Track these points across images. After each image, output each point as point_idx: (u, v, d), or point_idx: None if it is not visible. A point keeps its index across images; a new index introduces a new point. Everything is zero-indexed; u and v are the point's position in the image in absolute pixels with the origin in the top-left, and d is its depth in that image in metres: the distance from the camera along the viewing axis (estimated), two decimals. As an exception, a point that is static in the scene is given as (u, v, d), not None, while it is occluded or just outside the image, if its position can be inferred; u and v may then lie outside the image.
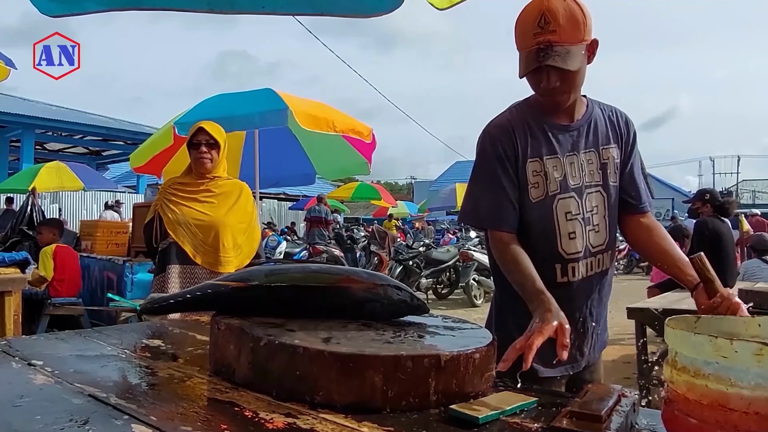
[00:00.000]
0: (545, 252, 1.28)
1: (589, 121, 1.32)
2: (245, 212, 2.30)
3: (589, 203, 1.30)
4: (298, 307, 1.08)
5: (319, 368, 0.86)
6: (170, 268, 2.17)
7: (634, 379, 3.68)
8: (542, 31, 1.15)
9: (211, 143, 2.21)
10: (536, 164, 1.29)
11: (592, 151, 1.31)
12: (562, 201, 1.29)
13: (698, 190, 4.54)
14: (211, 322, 1.06)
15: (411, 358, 0.85)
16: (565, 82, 1.20)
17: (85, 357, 1.13)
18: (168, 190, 2.26)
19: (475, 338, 0.98)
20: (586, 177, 1.30)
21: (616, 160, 1.33)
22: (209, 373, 1.02)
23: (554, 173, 1.28)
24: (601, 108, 1.37)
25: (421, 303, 1.11)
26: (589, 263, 1.31)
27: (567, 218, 1.28)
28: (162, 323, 1.48)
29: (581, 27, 1.16)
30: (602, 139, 1.32)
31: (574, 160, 1.29)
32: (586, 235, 1.30)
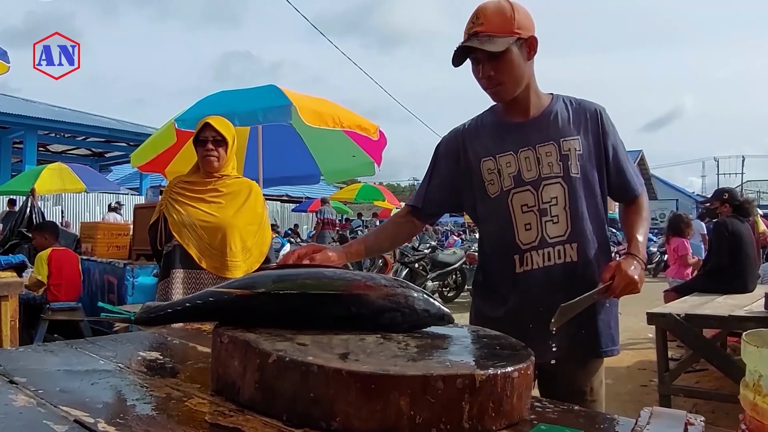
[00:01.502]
0: (504, 243, 1.38)
1: (549, 115, 1.38)
2: (255, 213, 2.18)
3: (546, 195, 1.35)
4: (310, 317, 0.97)
5: (337, 390, 0.75)
6: (174, 272, 2.06)
7: (652, 387, 3.57)
8: (473, 24, 1.30)
9: (218, 140, 2.09)
10: (490, 162, 1.39)
11: (551, 144, 1.36)
12: (518, 194, 1.37)
13: (716, 190, 4.42)
14: (213, 334, 0.95)
15: (442, 378, 0.74)
16: (498, 71, 1.30)
17: (74, 372, 1.02)
18: (173, 189, 2.14)
19: (511, 354, 0.87)
20: (544, 169, 1.35)
21: (579, 151, 1.36)
22: (211, 392, 0.91)
23: (507, 169, 1.37)
24: (567, 102, 1.42)
25: (446, 312, 1.00)
26: (546, 254, 1.35)
27: (523, 210, 1.36)
28: (161, 333, 1.37)
29: (509, 20, 1.28)
30: (563, 130, 1.37)
31: (529, 155, 1.36)
32: (542, 225, 1.35)
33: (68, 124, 12.82)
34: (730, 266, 3.87)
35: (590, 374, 1.40)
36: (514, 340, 0.97)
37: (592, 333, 1.38)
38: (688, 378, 3.69)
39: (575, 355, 1.37)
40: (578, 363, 1.39)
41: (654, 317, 3.10)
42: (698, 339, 3.11)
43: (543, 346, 1.32)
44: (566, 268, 1.35)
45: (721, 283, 3.90)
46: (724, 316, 3.03)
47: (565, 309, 1.09)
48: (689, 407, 3.33)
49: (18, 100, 14.65)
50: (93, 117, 14.58)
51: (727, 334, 3.73)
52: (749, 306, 3.32)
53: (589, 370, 1.40)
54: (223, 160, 2.10)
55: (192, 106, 3.82)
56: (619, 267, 1.25)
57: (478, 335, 1.01)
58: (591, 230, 1.37)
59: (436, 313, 0.98)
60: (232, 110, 3.52)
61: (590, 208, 1.37)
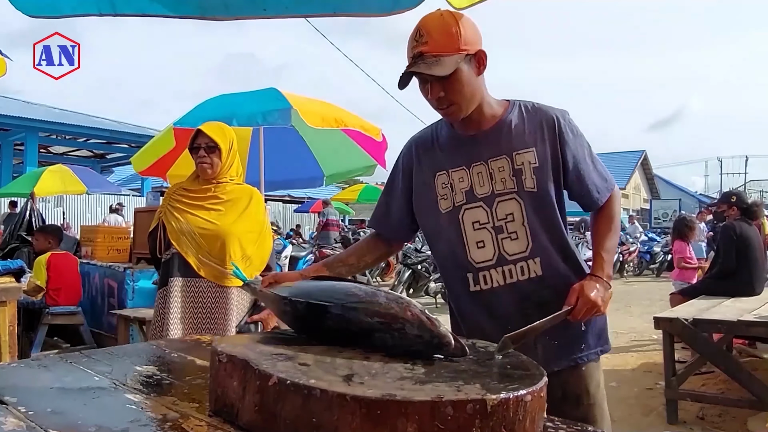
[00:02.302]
0: (456, 261, 1.33)
1: (502, 127, 1.32)
2: (255, 220, 2.12)
3: (501, 211, 1.29)
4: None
5: (340, 415, 0.71)
6: (172, 281, 2.01)
7: (658, 390, 3.52)
8: (417, 44, 1.22)
9: (211, 146, 2.04)
10: (444, 177, 1.34)
11: (504, 158, 1.30)
12: (469, 211, 1.31)
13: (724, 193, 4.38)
14: (211, 352, 0.91)
15: (451, 403, 0.70)
16: (449, 92, 1.23)
17: (67, 391, 0.98)
18: (172, 196, 2.10)
19: (524, 375, 0.83)
20: (497, 185, 1.29)
21: (534, 164, 1.29)
22: (209, 413, 0.88)
23: (460, 184, 1.32)
24: (523, 109, 1.34)
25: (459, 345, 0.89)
26: (506, 271, 1.30)
27: (474, 228, 1.31)
28: (159, 345, 1.34)
29: (455, 37, 1.21)
30: (516, 143, 1.30)
31: (481, 170, 1.31)
32: (498, 243, 1.29)
33: (69, 125, 12.80)
34: (737, 269, 3.83)
35: (583, 378, 1.34)
36: (525, 358, 0.93)
37: (576, 337, 1.32)
38: (694, 381, 3.65)
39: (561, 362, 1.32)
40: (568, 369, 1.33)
41: (661, 321, 3.05)
42: (706, 344, 3.07)
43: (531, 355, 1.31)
44: (533, 283, 1.29)
45: (728, 286, 3.86)
46: (733, 320, 2.99)
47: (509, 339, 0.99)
48: (696, 411, 3.29)
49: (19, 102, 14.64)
50: (94, 119, 14.57)
51: (733, 337, 3.69)
52: (757, 310, 3.27)
53: (581, 374, 1.34)
54: (216, 167, 2.06)
55: (192, 110, 3.79)
56: (582, 290, 1.21)
57: (487, 352, 0.97)
58: (553, 241, 1.31)
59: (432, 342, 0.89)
60: (232, 113, 3.48)
61: (549, 220, 1.31)
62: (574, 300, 1.21)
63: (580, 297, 1.20)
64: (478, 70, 1.26)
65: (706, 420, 3.21)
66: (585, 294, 1.20)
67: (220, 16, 1.57)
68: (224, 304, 2.01)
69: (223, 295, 2.02)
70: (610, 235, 1.34)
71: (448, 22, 1.22)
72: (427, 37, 1.21)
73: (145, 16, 1.61)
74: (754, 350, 4.33)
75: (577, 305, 1.20)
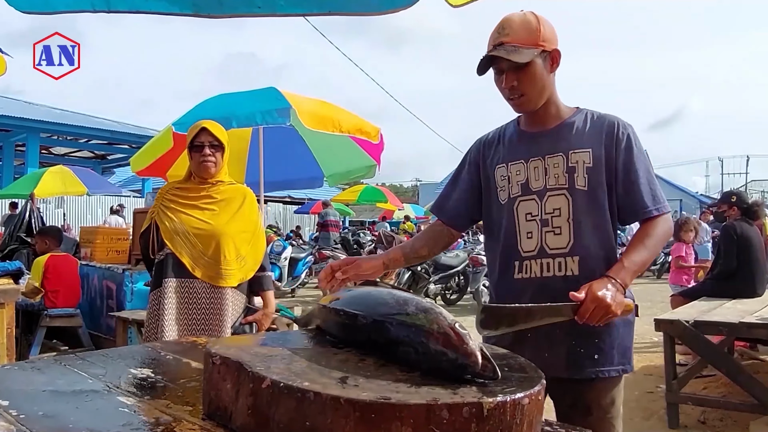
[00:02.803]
0: (508, 249, 1.39)
1: (565, 127, 1.38)
2: (249, 220, 2.13)
3: (550, 205, 1.34)
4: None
5: (334, 418, 0.70)
6: (167, 282, 1.99)
7: (659, 394, 3.50)
8: (499, 35, 1.30)
9: (215, 145, 2.03)
10: (503, 169, 1.42)
11: (560, 155, 1.35)
12: (523, 203, 1.38)
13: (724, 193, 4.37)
14: (204, 354, 0.90)
15: (447, 406, 0.69)
16: (522, 82, 1.30)
17: (60, 393, 0.97)
18: (166, 196, 2.08)
19: (521, 378, 0.82)
20: (550, 180, 1.35)
21: (588, 164, 1.33)
22: (202, 416, 0.86)
23: (516, 177, 1.39)
24: (588, 115, 1.40)
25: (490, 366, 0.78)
26: (545, 264, 1.34)
27: (527, 219, 1.37)
28: (154, 347, 1.33)
29: (534, 32, 1.29)
30: (574, 143, 1.35)
31: (538, 165, 1.36)
32: (542, 235, 1.34)
33: (70, 126, 12.81)
34: (738, 270, 3.81)
35: (598, 391, 1.34)
36: (523, 360, 0.92)
37: (600, 349, 1.32)
38: (695, 384, 3.63)
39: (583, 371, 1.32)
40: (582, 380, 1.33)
41: (662, 323, 3.04)
42: (707, 346, 3.05)
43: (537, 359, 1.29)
44: (566, 282, 1.29)
45: (729, 288, 3.84)
46: (734, 322, 2.97)
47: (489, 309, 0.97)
48: (697, 415, 3.27)
49: (20, 102, 14.66)
50: (95, 119, 14.58)
51: (734, 339, 3.67)
52: (759, 311, 3.25)
53: (597, 387, 1.34)
54: (219, 165, 2.06)
55: (191, 110, 3.78)
56: (590, 287, 1.16)
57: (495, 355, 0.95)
58: (596, 244, 1.32)
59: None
60: (231, 113, 3.48)
61: (596, 221, 1.33)
62: (582, 296, 1.14)
63: (588, 294, 1.14)
64: (552, 67, 1.34)
65: (708, 424, 3.19)
66: (593, 291, 1.14)
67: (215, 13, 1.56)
68: (219, 305, 2.01)
69: (218, 295, 2.01)
70: (642, 250, 1.28)
71: (529, 19, 1.31)
72: (509, 29, 1.29)
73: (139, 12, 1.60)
74: (756, 353, 4.31)
75: (584, 303, 1.14)
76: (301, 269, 8.72)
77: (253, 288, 2.18)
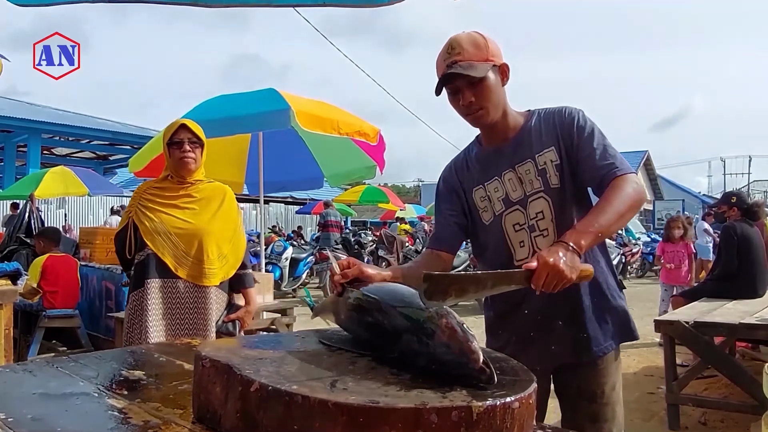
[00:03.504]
0: (503, 265, 1.38)
1: (523, 135, 1.41)
2: (230, 219, 2.11)
3: (533, 210, 1.38)
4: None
5: (322, 422, 0.69)
6: (149, 282, 1.97)
7: (659, 395, 3.49)
8: (449, 55, 1.34)
9: (194, 141, 2.01)
10: (480, 191, 1.45)
11: (529, 162, 1.39)
12: (509, 215, 1.41)
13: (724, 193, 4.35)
14: (194, 357, 0.89)
15: (436, 410, 0.69)
16: (479, 97, 1.33)
17: (50, 396, 0.96)
18: (143, 195, 2.06)
19: (512, 381, 0.81)
20: (527, 187, 1.38)
21: (556, 161, 1.37)
22: (192, 419, 0.86)
23: (496, 194, 1.42)
24: (541, 115, 1.43)
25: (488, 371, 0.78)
26: None
27: (515, 229, 1.40)
28: (148, 349, 1.32)
29: (483, 49, 1.34)
30: (536, 146, 1.39)
31: (512, 176, 1.40)
32: (532, 241, 1.38)
33: (72, 127, 12.81)
34: (739, 271, 3.80)
35: (601, 376, 1.42)
36: (515, 363, 0.91)
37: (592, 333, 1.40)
38: (696, 385, 3.61)
39: (579, 357, 1.41)
40: (586, 364, 1.41)
41: (662, 324, 3.02)
42: (707, 347, 3.03)
43: (546, 352, 1.40)
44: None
45: (730, 288, 3.82)
46: (734, 323, 2.95)
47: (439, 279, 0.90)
48: (698, 416, 3.25)
49: (22, 103, 14.70)
50: (97, 120, 14.60)
51: (735, 340, 3.65)
52: (760, 312, 3.24)
53: (599, 371, 1.42)
54: (199, 162, 2.04)
55: (190, 111, 3.78)
56: (539, 255, 1.10)
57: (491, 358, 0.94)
58: None
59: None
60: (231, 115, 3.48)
61: (578, 212, 1.37)
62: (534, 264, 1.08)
63: (539, 260, 1.08)
64: (503, 81, 1.38)
65: (708, 425, 3.17)
66: (543, 257, 1.08)
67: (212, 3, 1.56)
68: (203, 305, 2.00)
69: (202, 295, 2.00)
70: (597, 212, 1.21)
71: (475, 37, 1.35)
72: (459, 48, 1.33)
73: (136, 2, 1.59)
74: (758, 353, 4.29)
75: (536, 270, 1.07)
76: (302, 269, 8.72)
77: (234, 286, 2.17)
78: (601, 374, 1.42)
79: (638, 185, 1.28)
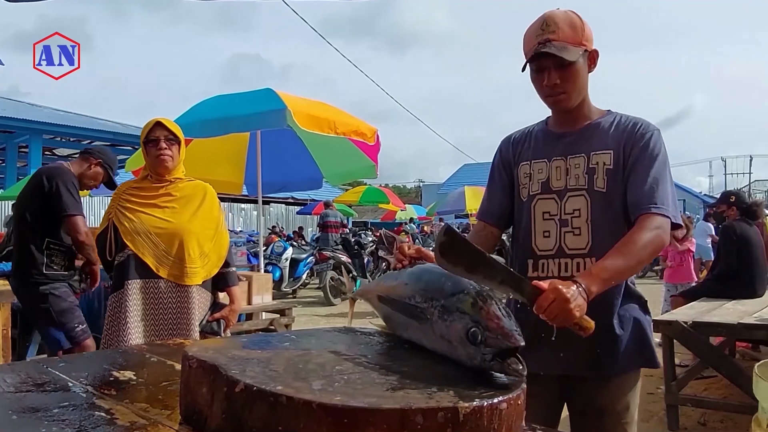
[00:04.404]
0: (523, 246, 1.41)
1: (588, 129, 1.37)
2: (211, 217, 2.10)
3: (570, 206, 1.35)
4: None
5: (306, 423, 0.68)
6: (129, 283, 1.94)
7: (659, 395, 3.47)
8: (543, 32, 1.28)
9: (170, 138, 2.00)
10: (526, 167, 1.42)
11: (581, 156, 1.35)
12: (542, 201, 1.38)
13: (723, 193, 4.33)
14: (182, 357, 0.89)
15: (421, 411, 0.68)
16: (564, 81, 1.29)
17: (36, 396, 0.96)
18: (122, 195, 2.04)
19: (501, 380, 0.80)
20: (571, 180, 1.35)
21: (608, 165, 1.32)
22: (180, 421, 0.85)
23: (538, 175, 1.39)
24: (618, 119, 1.38)
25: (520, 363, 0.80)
26: (563, 264, 1.34)
27: (544, 218, 1.37)
28: (140, 349, 1.32)
29: (579, 31, 1.29)
30: (596, 144, 1.35)
31: (560, 164, 1.37)
32: (561, 235, 1.35)
33: (73, 128, 12.82)
34: (738, 271, 3.78)
35: (613, 394, 1.35)
36: None
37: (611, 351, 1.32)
38: (696, 385, 3.59)
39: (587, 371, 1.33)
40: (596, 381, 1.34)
41: (660, 324, 3.00)
42: (706, 347, 3.02)
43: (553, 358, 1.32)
44: None
45: (729, 288, 3.81)
46: (733, 323, 2.94)
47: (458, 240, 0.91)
48: (698, 417, 3.24)
49: (23, 104, 14.71)
50: (98, 121, 14.61)
51: (735, 340, 3.64)
52: (759, 312, 3.23)
53: (611, 389, 1.35)
54: (176, 160, 2.02)
55: (187, 111, 3.77)
56: (553, 281, 1.07)
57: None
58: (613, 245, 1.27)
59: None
60: (228, 114, 3.47)
61: (614, 222, 1.31)
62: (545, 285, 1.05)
63: (551, 284, 1.05)
64: (590, 67, 1.34)
65: (708, 426, 3.16)
66: (555, 284, 1.05)
67: None
68: (186, 304, 1.98)
69: (184, 294, 1.98)
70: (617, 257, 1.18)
71: (573, 17, 1.30)
72: (554, 26, 1.28)
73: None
74: (758, 354, 4.28)
75: (545, 292, 1.04)
76: (302, 270, 8.71)
77: (218, 285, 2.16)
78: (613, 393, 1.35)
79: (662, 230, 1.23)
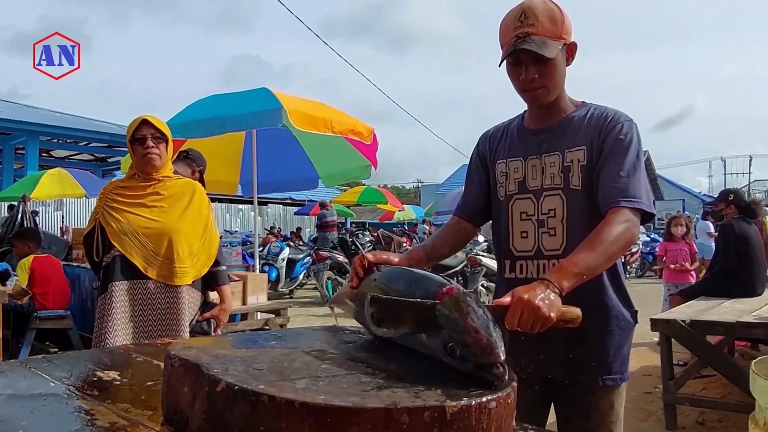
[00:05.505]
0: (501, 247, 1.40)
1: (563, 125, 1.33)
2: (200, 215, 2.06)
3: (546, 205, 1.32)
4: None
5: (289, 423, 0.66)
6: (114, 285, 1.90)
7: (657, 394, 3.45)
8: (522, 24, 1.23)
9: (157, 137, 1.97)
10: (502, 165, 1.39)
11: (556, 154, 1.31)
12: (519, 201, 1.36)
13: (721, 191, 4.32)
14: (165, 356, 0.86)
15: (407, 410, 0.66)
16: (542, 76, 1.25)
17: (18, 397, 0.93)
18: (109, 195, 2.00)
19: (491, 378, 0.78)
20: (547, 180, 1.32)
21: (582, 162, 1.28)
22: (162, 421, 0.83)
23: (514, 174, 1.36)
24: (592, 111, 1.33)
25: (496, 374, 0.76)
26: (541, 265, 1.32)
27: (521, 218, 1.35)
28: (126, 349, 1.29)
29: (558, 24, 1.24)
30: (569, 141, 1.31)
31: (536, 163, 1.33)
32: (538, 236, 1.32)
33: (69, 129, 12.78)
34: (737, 269, 3.76)
35: (593, 396, 1.31)
36: None
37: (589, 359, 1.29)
38: (694, 384, 3.58)
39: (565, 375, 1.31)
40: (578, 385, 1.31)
41: (658, 323, 2.99)
42: (704, 346, 3.00)
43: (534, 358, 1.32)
44: None
45: (728, 287, 3.79)
46: (732, 322, 2.92)
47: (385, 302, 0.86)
48: (696, 416, 3.22)
49: (20, 106, 14.68)
50: (95, 122, 14.58)
51: (734, 339, 3.62)
52: (758, 311, 3.21)
53: (592, 393, 1.31)
54: (164, 158, 1.99)
55: (182, 111, 3.75)
56: (514, 291, 1.01)
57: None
58: None
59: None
60: (223, 114, 3.44)
61: (591, 221, 1.22)
62: (507, 300, 1.00)
63: (513, 296, 1.00)
64: (568, 60, 1.30)
65: (706, 425, 3.14)
66: (518, 293, 0.99)
67: None
68: (175, 305, 1.95)
69: (174, 295, 1.95)
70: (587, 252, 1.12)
71: (552, 9, 1.25)
72: (533, 19, 1.22)
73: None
74: (757, 352, 4.26)
75: (510, 306, 0.99)
76: (299, 270, 8.68)
77: (209, 284, 2.13)
78: (595, 394, 1.31)
79: (632, 223, 1.18)
